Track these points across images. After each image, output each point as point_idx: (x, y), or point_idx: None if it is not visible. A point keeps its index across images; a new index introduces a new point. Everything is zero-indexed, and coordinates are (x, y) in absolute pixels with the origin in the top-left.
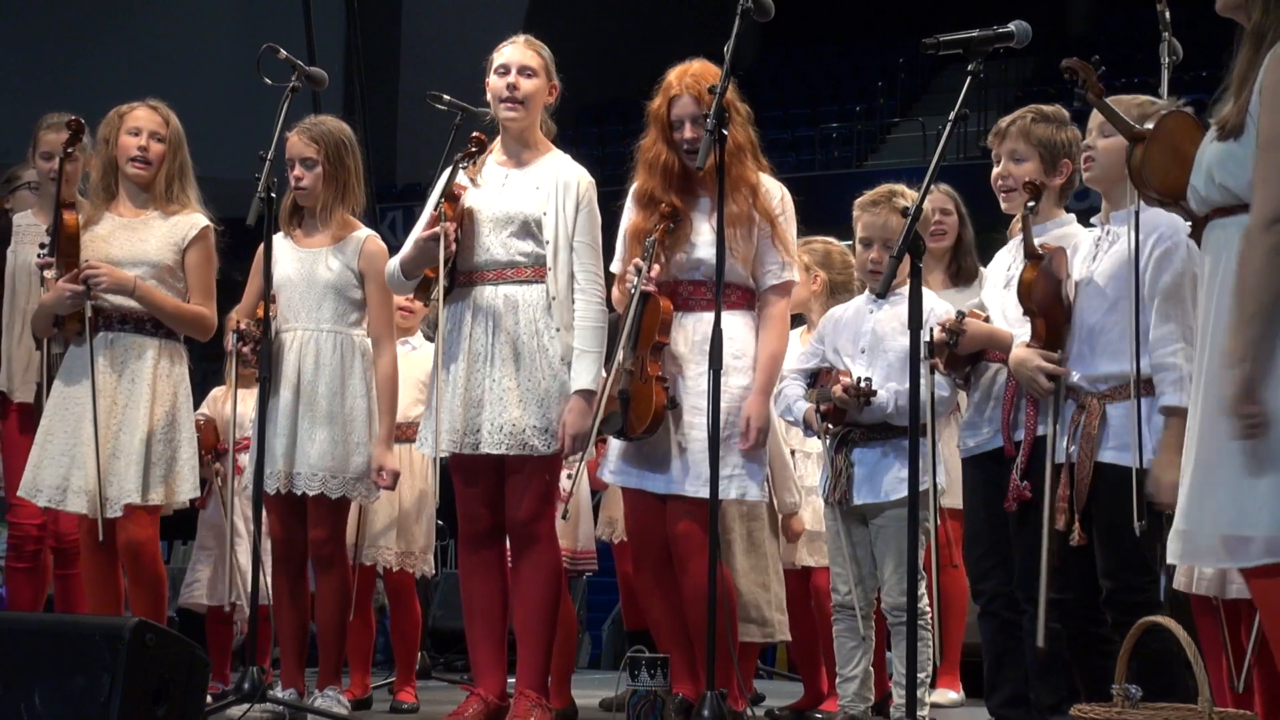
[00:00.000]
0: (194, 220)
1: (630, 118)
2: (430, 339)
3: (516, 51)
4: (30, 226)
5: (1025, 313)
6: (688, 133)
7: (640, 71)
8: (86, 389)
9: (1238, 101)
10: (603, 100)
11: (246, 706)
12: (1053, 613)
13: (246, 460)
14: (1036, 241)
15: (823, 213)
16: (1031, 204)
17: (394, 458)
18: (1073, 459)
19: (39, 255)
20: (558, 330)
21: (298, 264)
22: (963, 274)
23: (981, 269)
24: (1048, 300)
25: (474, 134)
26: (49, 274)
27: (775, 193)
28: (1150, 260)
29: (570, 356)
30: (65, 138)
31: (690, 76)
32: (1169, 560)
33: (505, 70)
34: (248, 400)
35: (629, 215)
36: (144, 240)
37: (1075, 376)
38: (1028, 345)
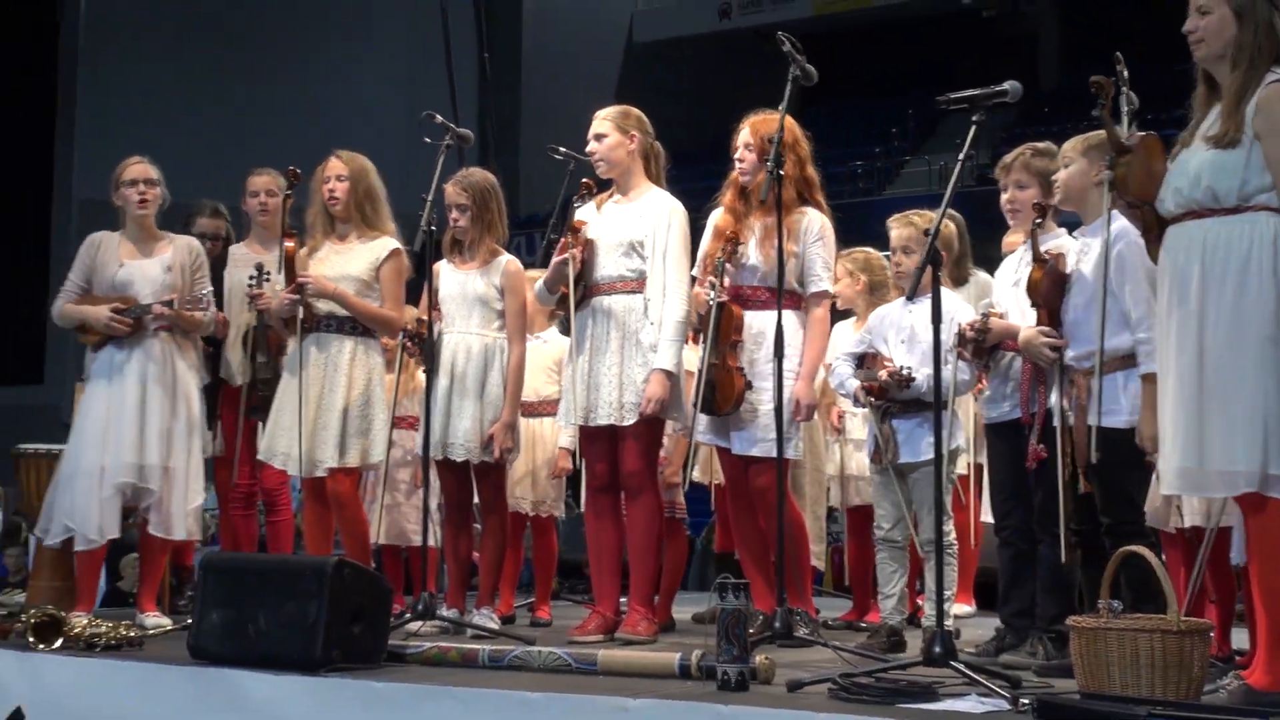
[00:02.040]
0: (386, 243)
1: (708, 159)
2: (564, 335)
3: (594, 122)
4: (244, 256)
5: (1032, 305)
6: (739, 155)
7: (716, 123)
8: (303, 378)
9: (1235, 117)
10: (687, 145)
11: (420, 623)
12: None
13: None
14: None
15: (851, 231)
16: (1039, 221)
17: (509, 437)
18: (1069, 423)
19: (249, 284)
20: (652, 325)
21: (455, 283)
22: (956, 276)
23: (976, 273)
24: (1051, 294)
25: (584, 180)
26: (257, 290)
27: (816, 221)
28: (1115, 256)
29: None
30: (275, 183)
31: (750, 121)
32: (1165, 492)
33: (589, 140)
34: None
35: (717, 215)
36: (349, 261)
37: (1068, 356)
38: (1032, 328)
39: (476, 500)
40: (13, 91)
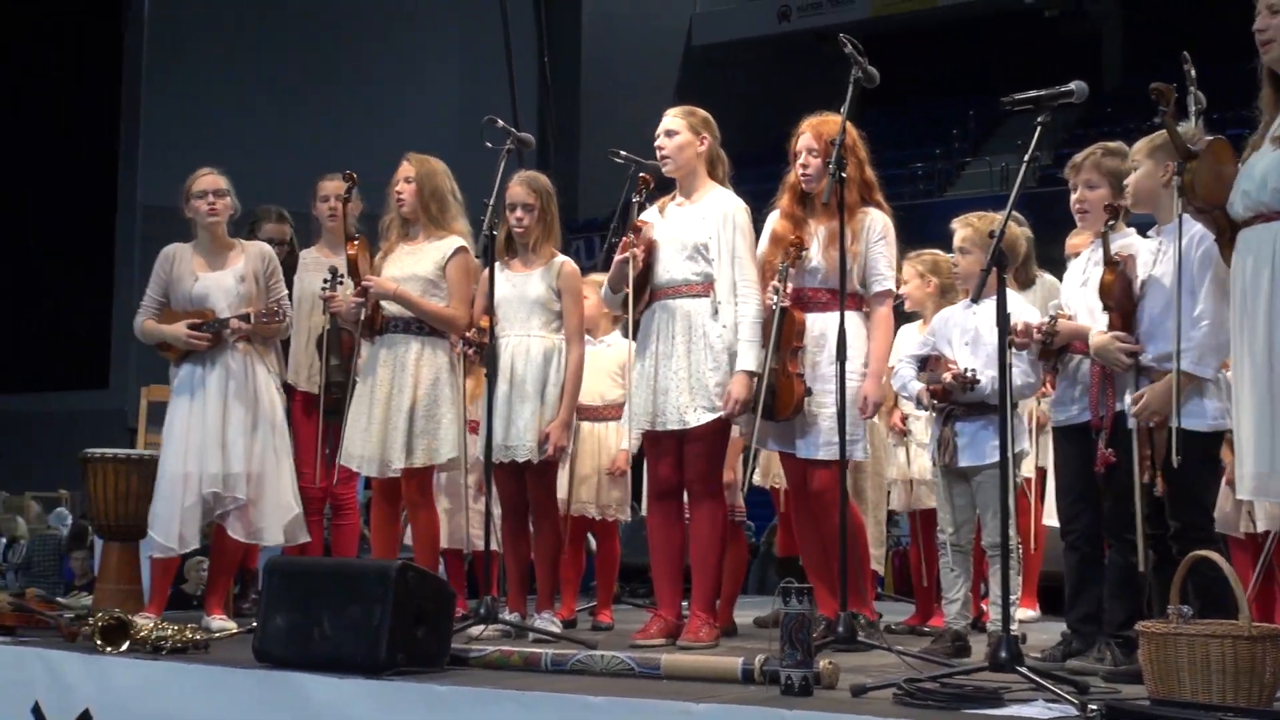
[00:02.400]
0: (452, 242)
1: (770, 161)
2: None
3: (664, 120)
4: (314, 260)
5: (1104, 308)
6: (803, 159)
7: (776, 125)
8: (373, 380)
9: None
10: (748, 147)
11: (483, 627)
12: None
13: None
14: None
15: (911, 233)
16: (1111, 222)
17: (565, 436)
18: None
19: (322, 287)
20: (724, 327)
21: (511, 286)
22: (1022, 279)
23: (1042, 275)
24: (1122, 297)
25: (641, 174)
26: (329, 292)
27: (879, 220)
28: (1195, 258)
29: (731, 348)
30: (342, 188)
31: (811, 122)
32: (1240, 497)
33: (657, 136)
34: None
35: (774, 220)
36: (418, 261)
37: (1148, 356)
38: (1105, 333)
39: None
40: (77, 98)
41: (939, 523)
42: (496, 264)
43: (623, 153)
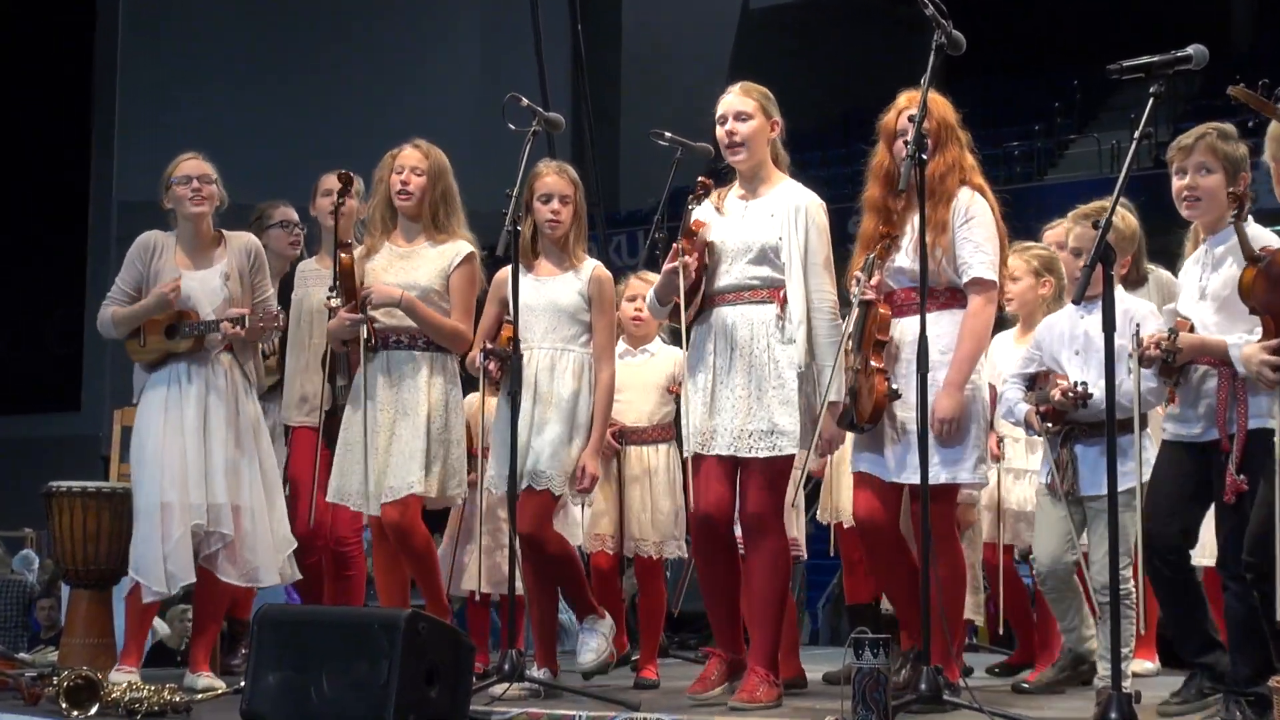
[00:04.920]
0: (459, 247)
1: (833, 144)
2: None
3: (732, 100)
4: (314, 272)
5: (1250, 311)
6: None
7: (837, 98)
8: (372, 405)
9: None
10: (811, 125)
11: (507, 685)
12: (1260, 584)
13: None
14: (1220, 248)
15: (1008, 222)
16: (1235, 213)
17: (598, 463)
18: None
19: (328, 296)
20: (792, 343)
21: (534, 292)
22: (1132, 276)
23: (1154, 270)
24: (1271, 298)
25: (701, 179)
26: (334, 302)
27: (964, 200)
28: None
29: (799, 366)
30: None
31: (913, 95)
32: None
33: (724, 120)
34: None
35: (863, 222)
36: (416, 268)
37: None
38: (1255, 342)
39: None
40: (46, 85)
41: (1035, 554)
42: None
43: (668, 134)
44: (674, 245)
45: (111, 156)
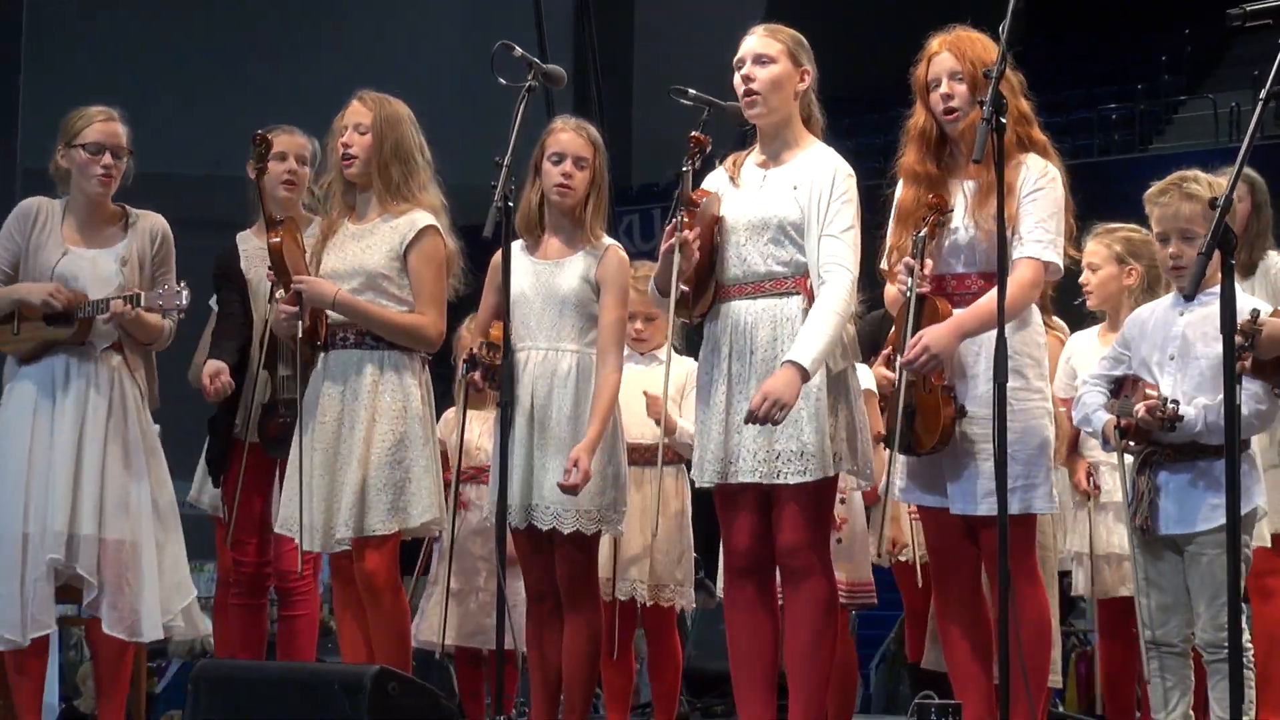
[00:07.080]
0: (414, 220)
1: (883, 106)
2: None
3: (752, 41)
4: (256, 249)
5: None
6: (944, 88)
7: (888, 58)
8: (313, 420)
9: None
10: (852, 90)
11: None
12: None
13: (471, 492)
14: None
15: (1103, 201)
16: None
17: (590, 459)
18: None
19: (269, 272)
20: None
21: (534, 277)
22: (1244, 260)
23: (1269, 255)
24: None
25: (693, 135)
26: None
27: (1035, 169)
28: None
29: (836, 369)
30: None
31: (952, 35)
32: None
33: (741, 63)
34: (473, 426)
35: (899, 192)
36: (368, 249)
37: None
38: None
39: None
40: None
41: (1138, 614)
42: (515, 246)
43: (691, 91)
44: (670, 220)
45: (16, 117)
